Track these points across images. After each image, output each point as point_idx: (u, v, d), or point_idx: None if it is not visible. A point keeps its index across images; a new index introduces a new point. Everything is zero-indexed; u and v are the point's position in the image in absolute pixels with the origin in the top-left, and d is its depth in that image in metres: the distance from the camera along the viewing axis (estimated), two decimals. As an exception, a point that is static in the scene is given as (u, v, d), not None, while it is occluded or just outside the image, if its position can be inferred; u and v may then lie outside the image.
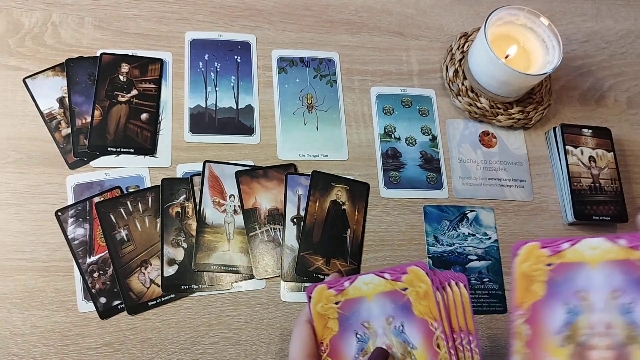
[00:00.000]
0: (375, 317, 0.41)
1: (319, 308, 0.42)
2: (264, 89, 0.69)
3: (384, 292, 0.41)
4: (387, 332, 0.40)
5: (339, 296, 0.42)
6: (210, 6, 0.72)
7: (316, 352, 0.41)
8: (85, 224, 0.59)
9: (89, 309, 0.56)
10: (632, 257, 0.33)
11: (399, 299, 0.40)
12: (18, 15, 0.67)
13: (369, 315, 0.41)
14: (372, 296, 0.41)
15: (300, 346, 0.41)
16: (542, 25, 0.67)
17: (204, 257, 0.59)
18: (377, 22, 0.75)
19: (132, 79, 0.66)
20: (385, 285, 0.41)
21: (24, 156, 0.61)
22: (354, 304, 0.41)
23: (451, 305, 0.40)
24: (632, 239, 0.33)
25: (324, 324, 0.42)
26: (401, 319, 0.40)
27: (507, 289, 0.64)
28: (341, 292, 0.42)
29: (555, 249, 0.35)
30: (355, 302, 0.41)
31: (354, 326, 0.41)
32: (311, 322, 0.42)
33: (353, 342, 0.41)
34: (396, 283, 0.41)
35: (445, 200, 0.67)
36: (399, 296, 0.40)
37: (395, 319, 0.40)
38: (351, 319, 0.41)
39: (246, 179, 0.63)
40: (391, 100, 0.71)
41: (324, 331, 0.42)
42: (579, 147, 0.69)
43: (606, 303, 0.33)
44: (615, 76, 0.78)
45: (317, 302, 0.42)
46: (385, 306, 0.41)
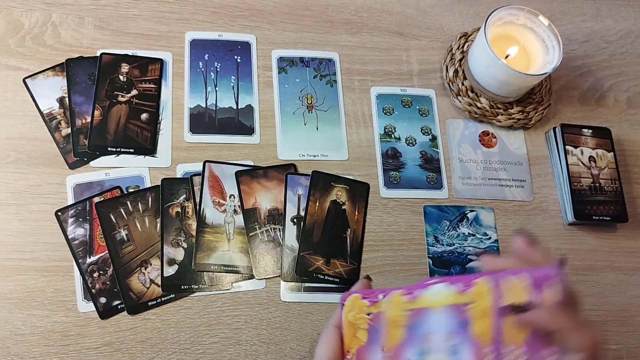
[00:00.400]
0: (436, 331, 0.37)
1: (351, 317, 0.42)
2: (264, 89, 0.69)
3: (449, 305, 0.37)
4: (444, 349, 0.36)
5: (372, 307, 0.41)
6: (210, 6, 0.72)
7: (340, 357, 0.41)
8: (85, 224, 0.59)
9: (89, 309, 0.57)
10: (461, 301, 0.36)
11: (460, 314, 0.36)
12: (18, 15, 0.67)
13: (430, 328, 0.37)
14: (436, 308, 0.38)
15: (326, 350, 0.41)
16: (542, 25, 0.67)
17: (204, 257, 0.59)
18: (377, 22, 0.75)
19: (132, 79, 0.66)
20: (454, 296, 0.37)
21: (24, 156, 0.61)
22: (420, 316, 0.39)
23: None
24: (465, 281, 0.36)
25: (353, 333, 0.41)
26: (460, 336, 0.36)
27: (507, 289, 0.63)
28: (374, 304, 0.41)
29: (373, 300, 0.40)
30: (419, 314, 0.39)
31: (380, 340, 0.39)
32: (340, 328, 0.42)
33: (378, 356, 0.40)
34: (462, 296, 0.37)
35: (445, 200, 0.67)
36: (461, 311, 0.36)
37: (454, 336, 0.36)
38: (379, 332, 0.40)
39: (246, 179, 0.63)
40: (391, 100, 0.71)
41: (352, 340, 0.41)
42: (579, 147, 0.69)
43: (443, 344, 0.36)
44: (615, 76, 0.78)
45: (349, 311, 0.42)
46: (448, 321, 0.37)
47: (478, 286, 0.36)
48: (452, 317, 0.36)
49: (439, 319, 0.37)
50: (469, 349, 0.35)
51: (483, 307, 0.35)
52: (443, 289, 0.37)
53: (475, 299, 0.36)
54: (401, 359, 0.37)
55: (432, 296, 0.38)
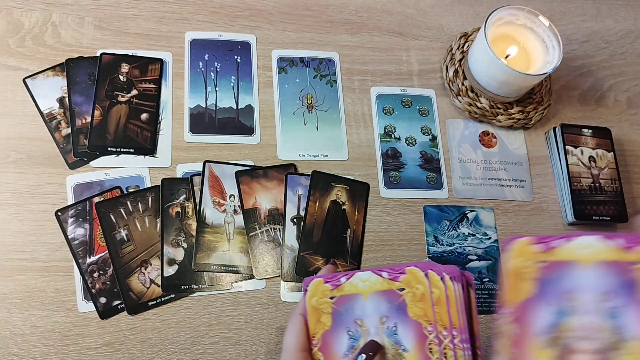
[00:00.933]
0: (369, 315, 0.40)
1: (314, 302, 0.42)
2: (264, 89, 0.69)
3: (380, 290, 0.40)
4: (380, 331, 0.40)
5: (334, 291, 0.41)
6: (210, 6, 0.72)
7: (308, 346, 0.41)
8: (85, 224, 0.59)
9: (89, 309, 0.57)
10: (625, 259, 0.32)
11: (394, 299, 0.40)
12: (18, 15, 0.67)
13: (363, 313, 0.40)
14: (367, 294, 0.40)
15: (293, 339, 0.41)
16: (542, 26, 0.67)
17: (204, 257, 0.59)
18: (377, 22, 0.75)
19: (132, 79, 0.66)
20: (382, 284, 0.40)
21: (24, 156, 0.61)
22: (349, 301, 0.41)
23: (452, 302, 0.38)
24: (629, 239, 0.32)
25: (317, 318, 0.41)
26: (395, 319, 0.39)
27: (507, 289, 0.64)
28: (337, 287, 0.41)
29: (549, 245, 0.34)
30: (350, 299, 0.41)
31: (347, 323, 0.41)
32: (305, 315, 0.42)
33: (344, 339, 0.40)
34: (393, 282, 0.40)
35: (445, 200, 0.67)
36: (394, 296, 0.40)
37: (389, 319, 0.40)
38: (344, 315, 0.41)
39: (246, 179, 0.63)
40: (391, 100, 0.71)
41: (316, 325, 0.41)
42: (579, 147, 0.69)
43: (595, 305, 0.32)
44: (615, 76, 0.78)
45: (312, 296, 0.42)
46: (380, 305, 0.40)
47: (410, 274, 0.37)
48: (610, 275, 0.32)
49: (590, 275, 0.32)
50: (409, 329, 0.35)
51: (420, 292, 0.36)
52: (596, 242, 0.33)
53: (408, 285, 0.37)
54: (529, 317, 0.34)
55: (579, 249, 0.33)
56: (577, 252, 0.33)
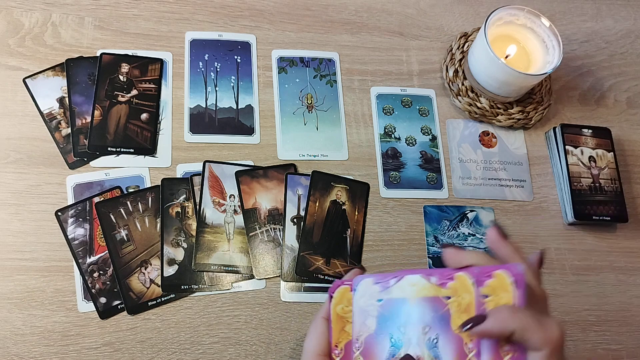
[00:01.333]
0: (412, 323, 0.37)
1: (339, 310, 0.40)
2: (264, 89, 0.69)
3: (426, 297, 0.36)
4: (421, 342, 0.36)
5: (383, 294, 0.38)
6: (210, 6, 0.72)
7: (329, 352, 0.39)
8: (85, 224, 0.59)
9: (89, 309, 0.57)
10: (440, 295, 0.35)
11: (439, 308, 0.36)
12: (18, 15, 0.67)
13: (407, 320, 0.37)
14: (414, 299, 0.37)
15: (314, 343, 0.39)
16: (542, 26, 0.67)
17: (204, 257, 0.59)
18: (377, 22, 0.75)
19: (132, 79, 0.66)
20: (429, 289, 0.36)
21: (24, 156, 0.61)
22: (395, 305, 0.38)
23: None
24: (441, 276, 0.35)
25: (341, 327, 0.39)
26: (437, 331, 0.35)
27: (507, 289, 0.63)
28: (386, 289, 0.39)
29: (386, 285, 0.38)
30: (397, 303, 0.38)
31: (391, 328, 0.37)
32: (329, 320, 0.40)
33: (387, 345, 0.37)
34: (440, 289, 0.36)
35: (445, 200, 0.67)
36: (440, 305, 0.36)
37: (431, 330, 0.36)
38: (389, 321, 0.38)
39: (246, 179, 0.63)
40: (391, 100, 0.71)
41: (340, 334, 0.39)
42: (579, 147, 0.69)
43: (418, 338, 0.35)
44: (615, 76, 0.78)
45: (337, 304, 0.40)
46: (425, 313, 0.36)
47: (459, 280, 0.35)
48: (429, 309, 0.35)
49: (415, 310, 0.36)
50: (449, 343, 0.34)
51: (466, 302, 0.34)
52: (419, 280, 0.36)
53: (455, 293, 0.35)
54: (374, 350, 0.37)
55: (408, 286, 0.37)
56: (406, 290, 0.37)
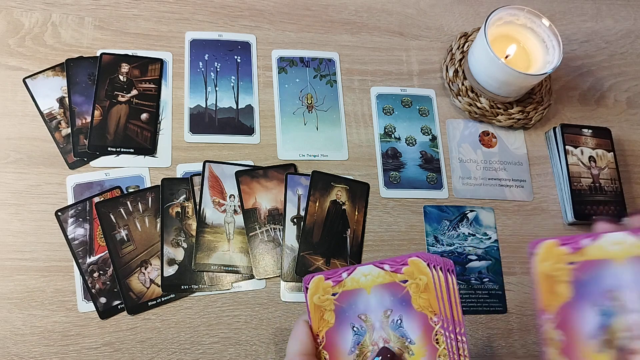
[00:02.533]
0: (372, 309, 0.39)
1: (316, 299, 0.41)
2: (264, 89, 0.69)
3: (382, 284, 0.39)
4: (385, 325, 0.39)
5: (336, 287, 0.41)
6: (210, 6, 0.72)
7: (312, 350, 0.40)
8: (85, 224, 0.59)
9: (89, 309, 0.57)
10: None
11: (398, 292, 0.39)
12: (18, 15, 0.67)
13: (367, 307, 0.40)
14: (370, 288, 0.40)
15: (296, 343, 0.40)
16: (542, 25, 0.67)
17: (204, 257, 0.59)
18: (377, 22, 0.75)
19: (132, 79, 0.66)
20: (384, 276, 0.39)
21: (24, 156, 0.61)
22: (352, 296, 0.40)
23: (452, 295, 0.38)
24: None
25: (320, 316, 0.41)
26: (400, 312, 0.39)
27: (507, 289, 0.64)
28: (339, 283, 0.41)
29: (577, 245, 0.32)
30: (353, 294, 0.40)
31: (351, 319, 0.40)
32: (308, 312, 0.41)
33: (349, 335, 0.40)
34: (396, 275, 0.39)
35: (445, 200, 0.67)
36: (398, 288, 0.39)
37: (393, 312, 0.39)
38: (348, 312, 0.40)
39: (246, 179, 0.63)
40: (391, 100, 0.71)
41: (320, 323, 0.41)
42: (579, 147, 0.69)
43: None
44: (615, 76, 0.78)
45: (313, 293, 0.41)
46: (384, 299, 0.39)
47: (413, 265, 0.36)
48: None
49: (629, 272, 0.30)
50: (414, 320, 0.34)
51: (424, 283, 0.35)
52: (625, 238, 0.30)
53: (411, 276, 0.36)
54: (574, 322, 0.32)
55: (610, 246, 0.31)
56: (608, 250, 0.31)
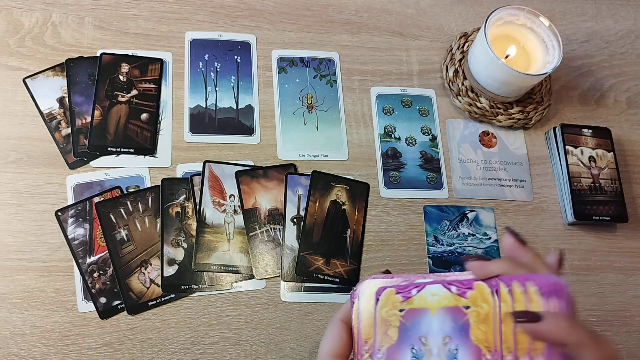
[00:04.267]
0: (433, 333, 0.37)
1: (384, 313, 0.39)
2: (264, 89, 0.69)
3: (447, 307, 0.37)
4: (442, 353, 0.36)
5: (404, 303, 0.38)
6: (210, 6, 0.72)
7: (345, 353, 0.39)
8: (85, 224, 0.59)
9: (89, 309, 0.57)
10: (460, 304, 0.36)
11: (459, 318, 0.36)
12: (18, 15, 0.67)
13: (429, 330, 0.37)
14: (435, 310, 0.37)
15: (329, 344, 0.39)
16: (542, 25, 0.67)
17: (204, 257, 0.59)
18: (377, 22, 0.75)
19: (132, 79, 0.66)
20: (449, 299, 0.37)
21: (24, 156, 0.61)
22: (417, 315, 0.38)
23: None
24: (460, 285, 0.36)
25: (384, 331, 0.38)
26: (457, 341, 0.36)
27: (507, 289, 0.63)
28: (408, 299, 0.38)
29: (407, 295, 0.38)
30: (418, 314, 0.38)
31: (412, 339, 0.37)
32: (349, 322, 0.40)
33: (408, 356, 0.37)
34: (460, 299, 0.36)
35: (445, 200, 0.67)
36: (460, 315, 0.36)
37: (451, 341, 0.36)
38: (411, 331, 0.38)
39: (246, 179, 0.63)
40: (391, 100, 0.71)
41: (383, 338, 0.38)
42: (579, 147, 0.69)
43: (439, 349, 0.35)
44: (615, 76, 0.78)
45: (382, 306, 0.39)
46: (445, 324, 0.36)
47: (478, 290, 0.36)
48: (449, 320, 0.35)
49: (436, 321, 0.36)
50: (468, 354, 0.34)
51: (484, 312, 0.34)
52: (439, 290, 0.36)
53: (474, 303, 0.35)
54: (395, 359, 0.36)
55: (429, 297, 0.37)
56: (427, 300, 0.37)
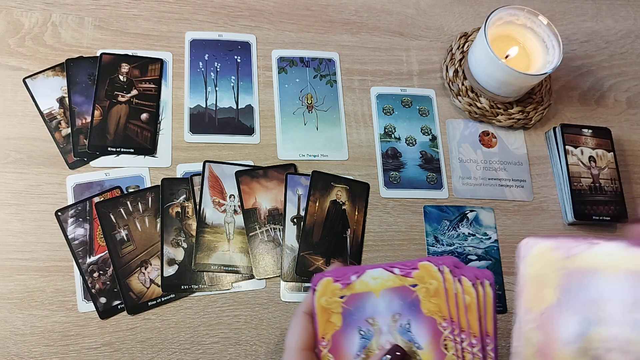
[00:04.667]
0: (381, 313, 0.39)
1: (323, 302, 0.40)
2: (264, 89, 0.69)
3: (392, 287, 0.39)
4: (393, 330, 0.39)
5: (344, 290, 0.40)
6: (210, 6, 0.72)
7: (311, 345, 0.40)
8: (85, 224, 0.59)
9: (89, 309, 0.57)
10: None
11: (407, 296, 0.39)
12: (18, 15, 0.67)
13: (375, 311, 0.39)
14: (379, 292, 0.39)
15: (295, 337, 0.39)
16: (542, 25, 0.67)
17: (204, 257, 0.59)
18: (377, 22, 0.75)
19: (132, 79, 0.66)
20: (394, 280, 0.39)
21: (24, 156, 0.61)
22: (360, 299, 0.40)
23: (471, 304, 0.37)
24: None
25: (327, 318, 0.40)
26: (408, 316, 0.38)
27: (507, 289, 0.64)
28: (347, 285, 0.40)
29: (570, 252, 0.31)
30: (361, 297, 0.40)
31: (358, 322, 0.39)
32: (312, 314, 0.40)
33: (356, 339, 0.39)
34: (405, 279, 0.39)
35: (445, 200, 0.67)
36: (407, 293, 0.39)
37: (402, 317, 0.39)
38: (355, 315, 0.40)
39: (246, 179, 0.63)
40: (391, 100, 0.71)
41: (326, 326, 0.40)
42: (579, 147, 0.69)
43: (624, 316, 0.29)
44: (615, 76, 0.78)
45: (321, 295, 0.40)
46: (393, 303, 0.39)
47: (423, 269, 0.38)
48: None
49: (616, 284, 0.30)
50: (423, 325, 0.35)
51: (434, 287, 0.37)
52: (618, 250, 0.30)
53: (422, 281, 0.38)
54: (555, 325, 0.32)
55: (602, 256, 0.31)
56: (600, 260, 0.30)
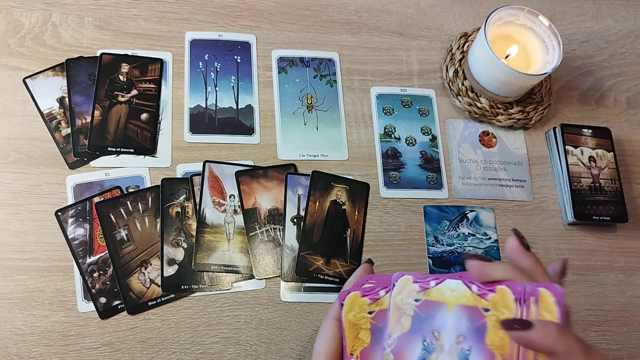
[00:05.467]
0: (447, 329, 0.35)
1: (351, 317, 0.39)
2: (264, 89, 0.69)
3: (465, 305, 0.35)
4: (453, 352, 0.35)
5: (372, 305, 0.38)
6: (210, 6, 0.72)
7: (340, 353, 0.38)
8: (85, 224, 0.59)
9: (89, 309, 0.57)
10: (479, 305, 0.35)
11: (476, 319, 0.35)
12: (18, 15, 0.67)
13: (443, 325, 0.36)
14: (452, 305, 0.36)
15: (323, 344, 0.38)
16: (542, 25, 0.67)
17: (204, 257, 0.59)
18: (377, 22, 0.75)
19: (132, 79, 0.66)
20: (469, 298, 0.35)
21: (24, 156, 0.61)
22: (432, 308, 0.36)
23: None
24: (481, 286, 0.35)
25: (355, 334, 0.38)
26: (471, 342, 0.34)
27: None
28: (376, 301, 0.38)
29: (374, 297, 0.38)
30: (434, 306, 0.36)
31: (425, 331, 0.36)
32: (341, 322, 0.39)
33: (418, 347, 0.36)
34: (480, 300, 0.35)
35: (445, 200, 0.67)
36: (477, 315, 0.35)
37: (465, 340, 0.35)
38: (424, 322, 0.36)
39: (246, 179, 0.63)
40: (391, 100, 0.71)
41: (355, 342, 0.38)
42: (579, 147, 0.69)
43: (451, 346, 0.34)
44: (615, 76, 0.78)
45: (349, 310, 0.39)
46: (461, 322, 0.35)
47: (500, 294, 0.34)
48: (465, 319, 0.34)
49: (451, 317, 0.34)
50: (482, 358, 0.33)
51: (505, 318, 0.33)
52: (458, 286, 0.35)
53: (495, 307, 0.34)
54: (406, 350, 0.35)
55: (447, 291, 0.35)
56: (444, 295, 0.36)
